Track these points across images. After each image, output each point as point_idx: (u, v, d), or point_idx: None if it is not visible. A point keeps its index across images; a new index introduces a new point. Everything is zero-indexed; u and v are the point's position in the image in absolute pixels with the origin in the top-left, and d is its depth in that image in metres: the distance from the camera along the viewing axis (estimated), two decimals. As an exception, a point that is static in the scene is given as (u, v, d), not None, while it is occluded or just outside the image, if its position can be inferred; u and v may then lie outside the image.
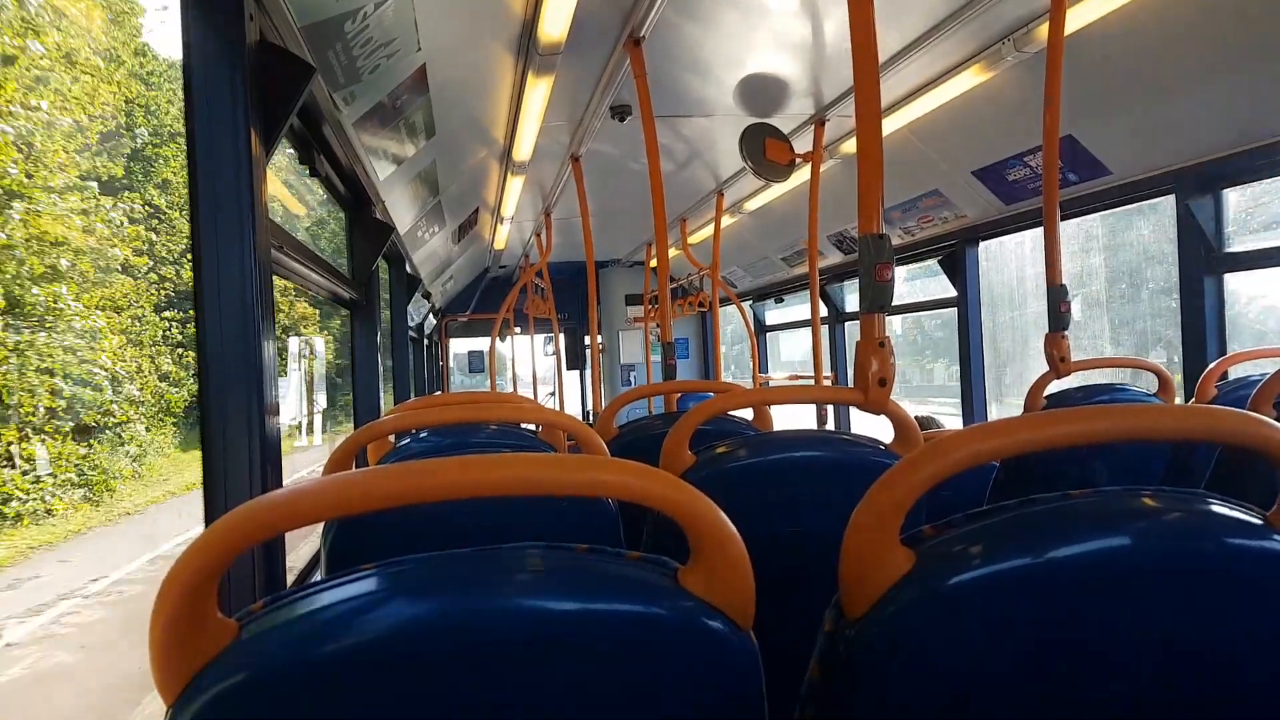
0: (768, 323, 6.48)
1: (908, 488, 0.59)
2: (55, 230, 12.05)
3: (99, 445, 13.15)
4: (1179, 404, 1.98)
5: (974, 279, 3.49)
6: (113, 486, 13.05)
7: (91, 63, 14.29)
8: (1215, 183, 2.33)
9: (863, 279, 1.44)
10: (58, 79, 13.36)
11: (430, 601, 0.55)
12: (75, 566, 9.31)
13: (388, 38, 1.98)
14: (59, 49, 13.31)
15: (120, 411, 13.72)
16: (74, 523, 11.55)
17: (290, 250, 1.79)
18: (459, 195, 4.11)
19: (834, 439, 1.32)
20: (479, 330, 7.88)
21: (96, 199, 13.75)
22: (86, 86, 14.16)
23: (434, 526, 1.04)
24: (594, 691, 0.56)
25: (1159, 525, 0.61)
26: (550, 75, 2.46)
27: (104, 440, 13.34)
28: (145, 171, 17.63)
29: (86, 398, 12.61)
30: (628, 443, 1.81)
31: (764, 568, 0.64)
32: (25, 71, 12.45)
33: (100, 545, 10.46)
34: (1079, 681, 0.59)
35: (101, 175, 14.92)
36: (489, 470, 0.58)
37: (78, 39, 13.84)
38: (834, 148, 3.46)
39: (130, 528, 11.54)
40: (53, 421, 12.09)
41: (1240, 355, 2.01)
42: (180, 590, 0.53)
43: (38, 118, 12.29)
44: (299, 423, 17.83)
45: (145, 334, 15.90)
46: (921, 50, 2.43)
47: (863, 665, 0.59)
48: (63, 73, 13.47)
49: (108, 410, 13.32)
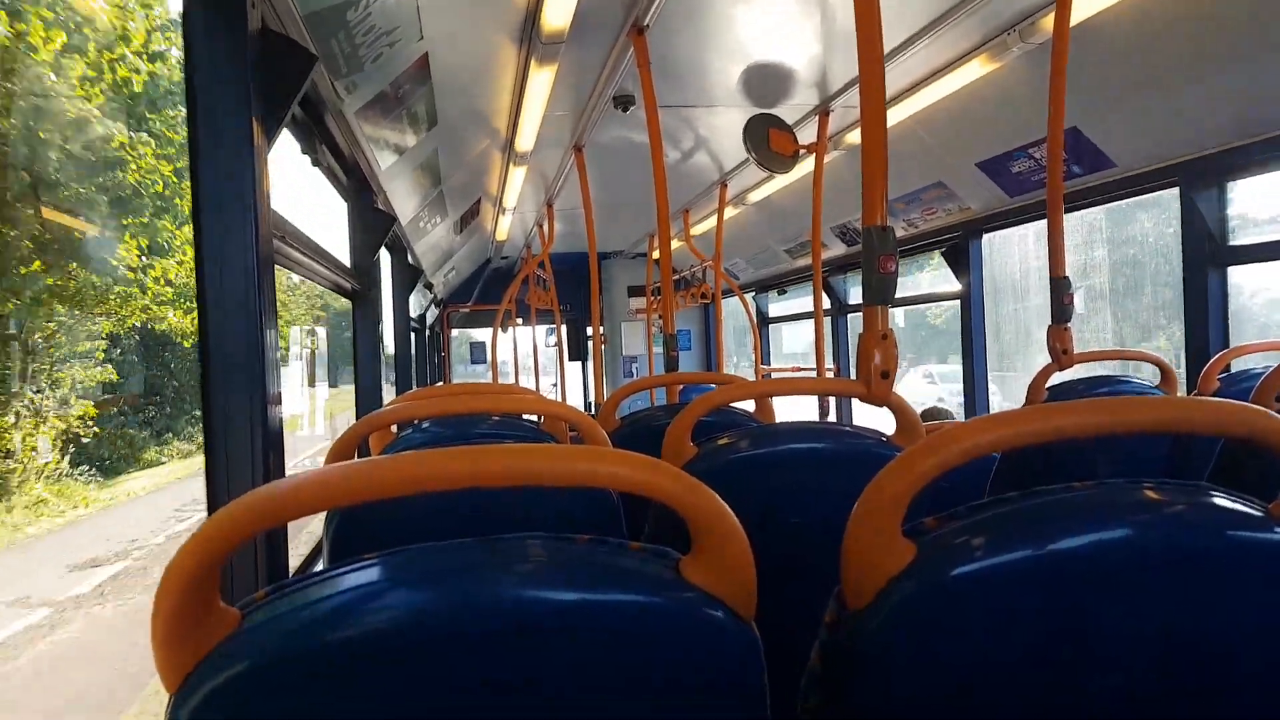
0: (770, 314, 6.48)
1: (909, 480, 0.60)
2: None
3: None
4: (1181, 396, 1.98)
5: (978, 271, 3.48)
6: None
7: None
8: (1219, 175, 2.31)
9: (866, 271, 1.44)
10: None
11: (432, 591, 0.56)
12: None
13: (390, 26, 1.97)
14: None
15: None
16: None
17: (292, 240, 1.78)
18: (461, 185, 4.11)
19: (836, 431, 1.32)
20: (481, 321, 7.88)
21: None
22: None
23: (436, 517, 1.04)
24: (596, 681, 0.56)
25: (1160, 517, 0.61)
26: (553, 64, 2.45)
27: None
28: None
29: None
30: (630, 434, 1.81)
31: (766, 559, 0.64)
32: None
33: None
34: (1080, 673, 0.59)
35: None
36: (491, 460, 0.58)
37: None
38: (838, 139, 3.45)
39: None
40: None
41: (1243, 348, 2.01)
42: (183, 579, 0.53)
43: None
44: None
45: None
46: (926, 41, 2.42)
47: (864, 656, 0.59)
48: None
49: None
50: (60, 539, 9.76)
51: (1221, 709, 0.60)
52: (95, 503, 11.26)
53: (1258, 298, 3.64)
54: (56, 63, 9.66)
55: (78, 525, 10.36)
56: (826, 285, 4.81)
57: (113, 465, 12.97)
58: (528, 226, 5.76)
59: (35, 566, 8.66)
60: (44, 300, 10.51)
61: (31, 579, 8.14)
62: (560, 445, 0.61)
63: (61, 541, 9.60)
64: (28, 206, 9.76)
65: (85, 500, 11.16)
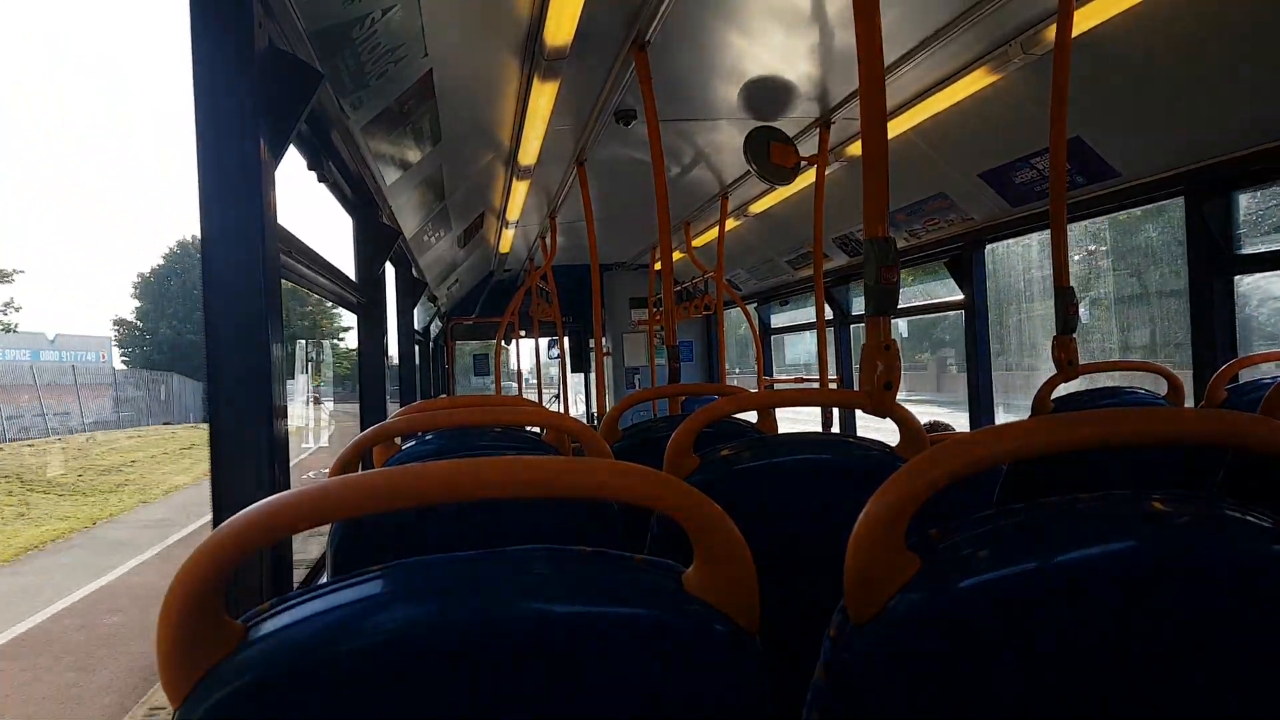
0: (773, 325, 6.48)
1: (913, 492, 0.59)
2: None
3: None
4: (1190, 408, 1.97)
5: (981, 282, 3.48)
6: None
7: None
8: (1225, 184, 2.31)
9: (868, 282, 1.44)
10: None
11: (436, 604, 0.56)
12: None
13: (394, 44, 1.99)
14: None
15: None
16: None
17: (298, 254, 1.79)
18: (464, 199, 4.13)
19: (839, 442, 1.31)
20: (484, 333, 7.90)
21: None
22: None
23: (440, 528, 1.04)
24: (599, 694, 0.56)
25: (1169, 529, 0.60)
26: (555, 80, 2.47)
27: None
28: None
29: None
30: (631, 446, 1.81)
31: (769, 571, 0.64)
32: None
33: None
34: (1087, 687, 0.58)
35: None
36: (494, 473, 0.58)
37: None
38: (839, 151, 3.46)
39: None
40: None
41: (1251, 358, 2.00)
42: (188, 592, 0.53)
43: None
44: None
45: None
46: (928, 52, 2.43)
47: (869, 670, 0.59)
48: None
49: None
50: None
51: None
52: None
53: (1264, 307, 3.62)
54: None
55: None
56: (828, 296, 4.81)
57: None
58: (530, 239, 5.78)
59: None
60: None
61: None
62: (561, 457, 0.61)
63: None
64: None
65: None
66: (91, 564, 9.72)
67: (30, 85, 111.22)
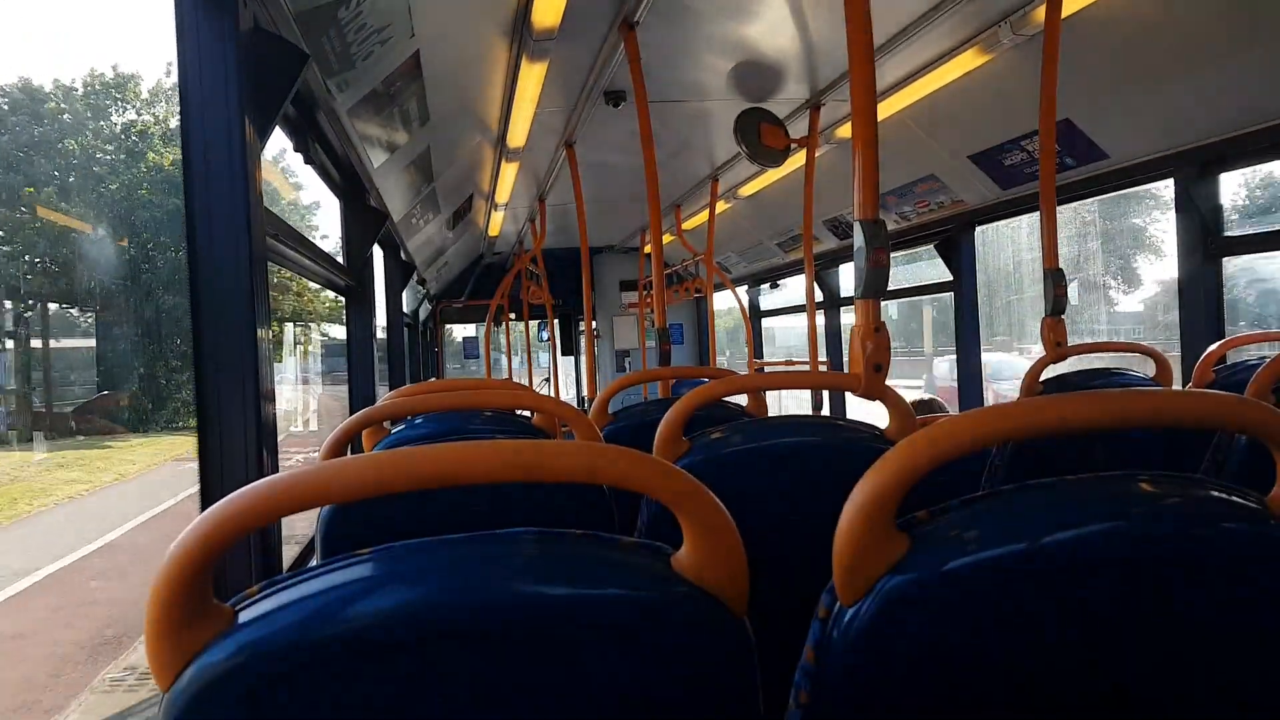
0: (763, 308, 6.48)
1: (902, 474, 0.60)
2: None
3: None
4: (1177, 388, 1.99)
5: (970, 264, 3.49)
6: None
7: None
8: (1214, 166, 2.32)
9: (859, 264, 1.44)
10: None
11: (424, 586, 0.56)
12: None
13: (381, 24, 1.96)
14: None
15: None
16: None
17: (285, 237, 1.78)
18: (453, 182, 4.10)
19: (829, 424, 1.32)
20: (474, 316, 7.87)
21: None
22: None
23: (429, 512, 1.04)
24: (587, 675, 0.57)
25: (1156, 510, 0.61)
26: (544, 60, 2.44)
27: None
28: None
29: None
30: (622, 429, 1.82)
31: (758, 553, 0.64)
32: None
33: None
34: (1074, 666, 0.59)
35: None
36: (483, 456, 0.58)
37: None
38: (829, 132, 3.45)
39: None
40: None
41: (1238, 339, 2.01)
42: (176, 575, 0.53)
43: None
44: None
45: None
46: (918, 34, 2.42)
47: (857, 650, 0.59)
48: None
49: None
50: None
51: (1216, 702, 0.61)
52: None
53: (1252, 289, 3.65)
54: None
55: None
56: (819, 278, 4.82)
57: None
58: (520, 222, 5.75)
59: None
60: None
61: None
62: (551, 441, 0.61)
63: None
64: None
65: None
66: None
67: (6, 70, 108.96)
